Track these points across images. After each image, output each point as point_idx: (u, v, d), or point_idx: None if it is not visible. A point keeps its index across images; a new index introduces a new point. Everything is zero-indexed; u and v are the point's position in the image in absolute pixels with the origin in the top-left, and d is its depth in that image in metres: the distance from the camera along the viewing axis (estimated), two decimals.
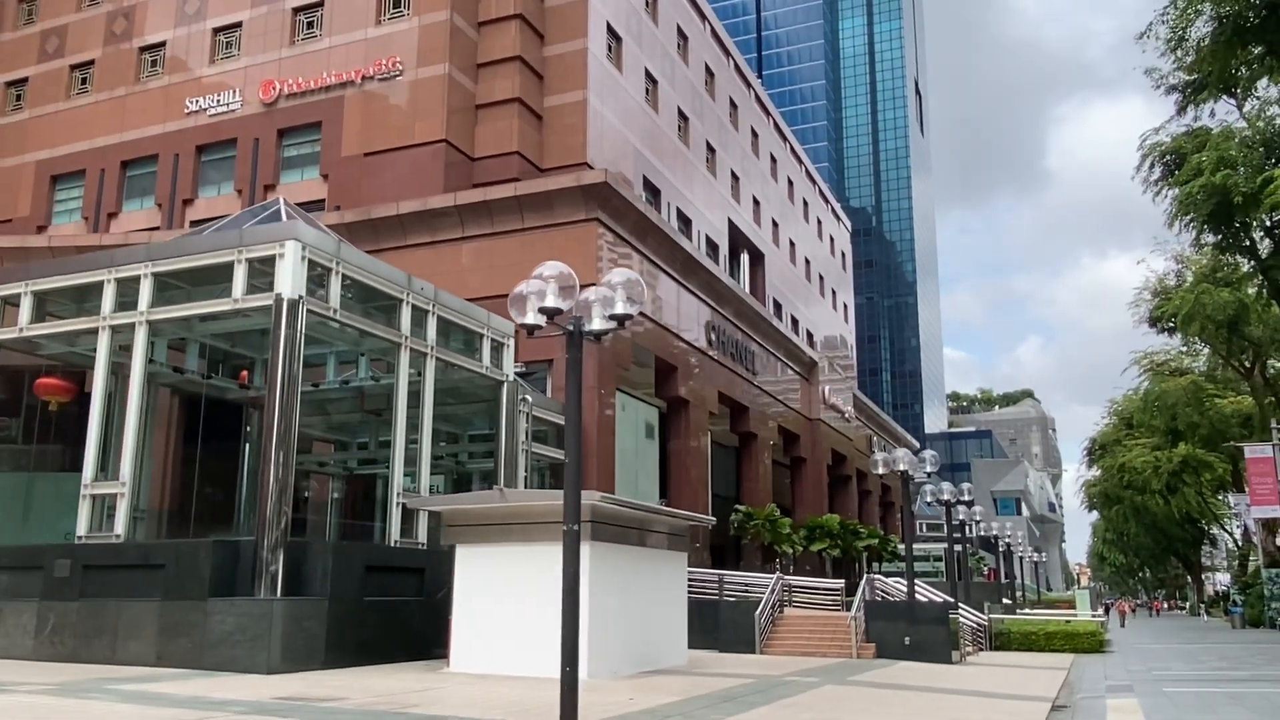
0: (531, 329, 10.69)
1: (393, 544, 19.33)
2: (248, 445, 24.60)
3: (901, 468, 23.66)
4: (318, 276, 18.48)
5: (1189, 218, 38.91)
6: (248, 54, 39.35)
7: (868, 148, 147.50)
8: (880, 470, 24.41)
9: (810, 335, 63.68)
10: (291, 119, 37.85)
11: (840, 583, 28.63)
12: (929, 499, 31.45)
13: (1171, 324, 52.25)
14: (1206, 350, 60.38)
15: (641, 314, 30.70)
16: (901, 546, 53.63)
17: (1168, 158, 40.62)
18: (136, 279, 18.64)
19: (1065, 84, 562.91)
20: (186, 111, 39.93)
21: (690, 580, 26.80)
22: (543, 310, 10.39)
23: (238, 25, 40.02)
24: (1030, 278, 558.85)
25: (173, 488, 25.58)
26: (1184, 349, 63.27)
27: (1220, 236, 40.19)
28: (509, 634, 16.40)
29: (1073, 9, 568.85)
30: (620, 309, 10.70)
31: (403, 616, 18.06)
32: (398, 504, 19.22)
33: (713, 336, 36.54)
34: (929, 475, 25.34)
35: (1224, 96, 40.13)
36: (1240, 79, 38.30)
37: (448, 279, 28.51)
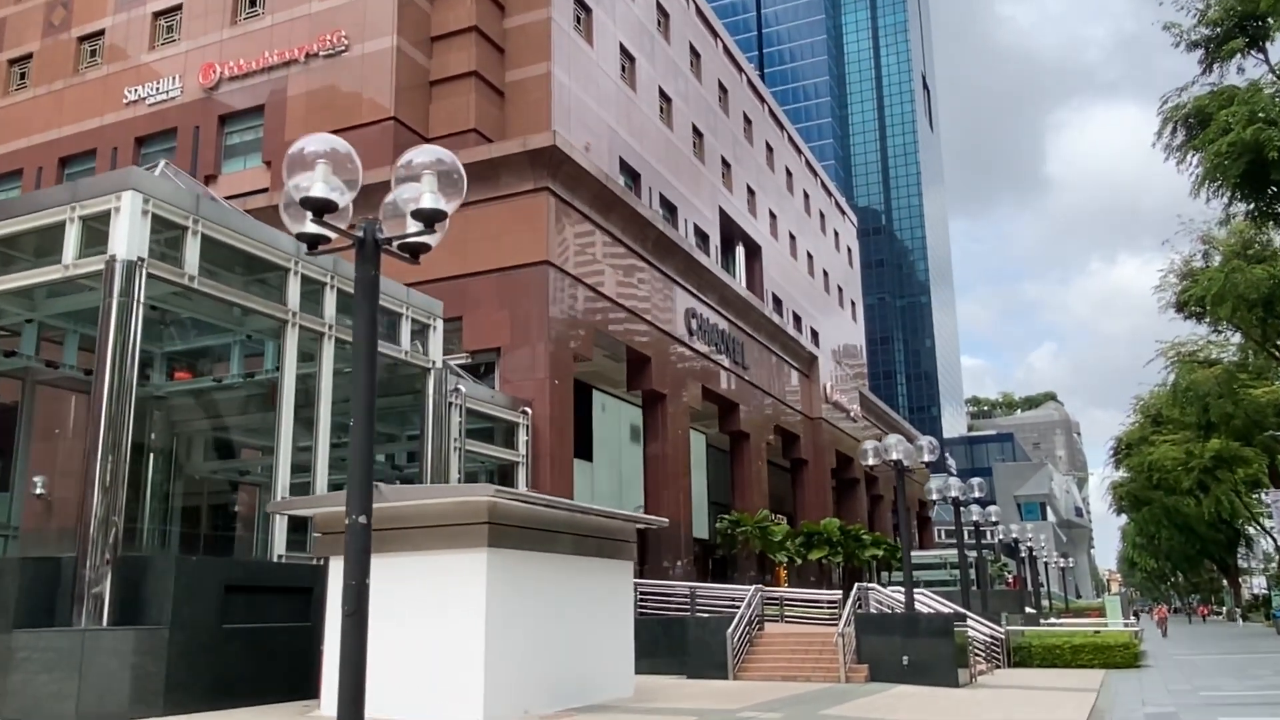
0: (314, 241, 7.53)
1: (277, 559, 16.14)
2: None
3: (894, 456, 20.30)
4: (170, 238, 15.39)
5: (1217, 184, 35.49)
6: (188, 37, 36.50)
7: (875, 145, 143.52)
8: (871, 461, 21.01)
9: (815, 333, 60.25)
10: (233, 104, 34.95)
11: (836, 594, 25.15)
12: (934, 495, 28.00)
13: (1200, 308, 48.69)
14: (1237, 339, 56.74)
15: (606, 297, 27.46)
16: (915, 555, 50.10)
17: (1191, 120, 37.22)
18: None
19: (1060, 91, 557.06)
20: (125, 102, 37.12)
21: (657, 595, 23.51)
22: (308, 203, 7.16)
23: (178, 8, 37.17)
24: (1039, 285, 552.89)
25: (63, 501, 22.48)
26: (1213, 337, 59.59)
27: (1253, 204, 36.74)
28: (391, 666, 13.13)
29: (1063, 16, 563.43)
30: (429, 202, 7.49)
31: (278, 647, 14.78)
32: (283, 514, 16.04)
33: (693, 325, 33.22)
34: (926, 464, 21.92)
35: (1251, 51, 36.82)
36: (1269, 29, 34.96)
37: (387, 262, 25.38)
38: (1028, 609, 44.68)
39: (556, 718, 13.27)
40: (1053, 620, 39.93)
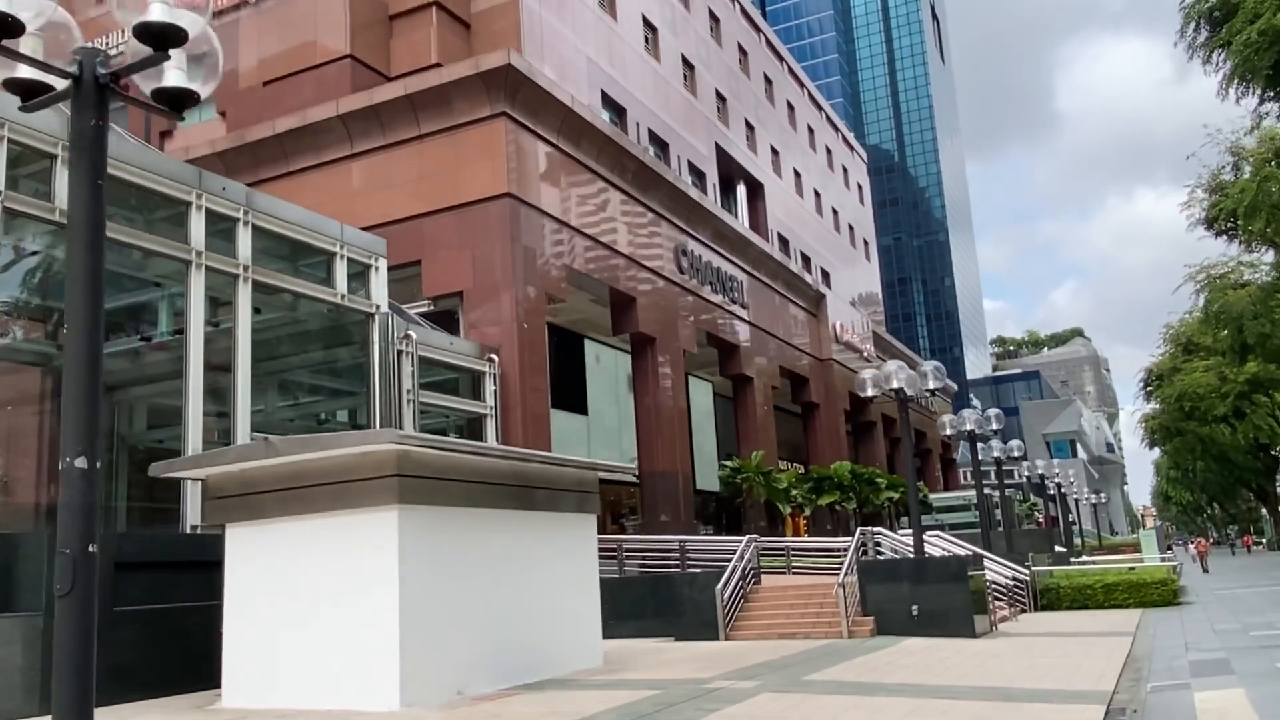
0: (28, 91, 5.54)
1: (190, 530, 14.29)
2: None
3: (895, 385, 18.14)
4: (39, 172, 13.39)
5: (1246, 81, 32.73)
6: None
7: (884, 80, 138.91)
8: (870, 391, 18.87)
9: (826, 274, 57.78)
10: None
11: (846, 541, 23.07)
12: (949, 430, 25.86)
13: (1231, 223, 45.93)
14: (1270, 256, 53.90)
15: (581, 232, 25.29)
16: (936, 496, 48.04)
17: (1215, 13, 34.36)
18: None
19: (1066, 25, 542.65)
20: None
21: (645, 550, 21.62)
22: None
23: None
24: (1057, 222, 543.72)
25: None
26: (1245, 257, 56.65)
27: None
28: (294, 650, 11.25)
29: None
30: (157, 13, 5.37)
31: (183, 630, 12.91)
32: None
33: (683, 262, 30.99)
34: (932, 394, 19.75)
35: None
36: None
37: (337, 205, 23.37)
38: (1057, 548, 42.61)
39: (497, 698, 11.36)
40: (1084, 558, 37.82)
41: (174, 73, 5.88)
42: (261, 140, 25.28)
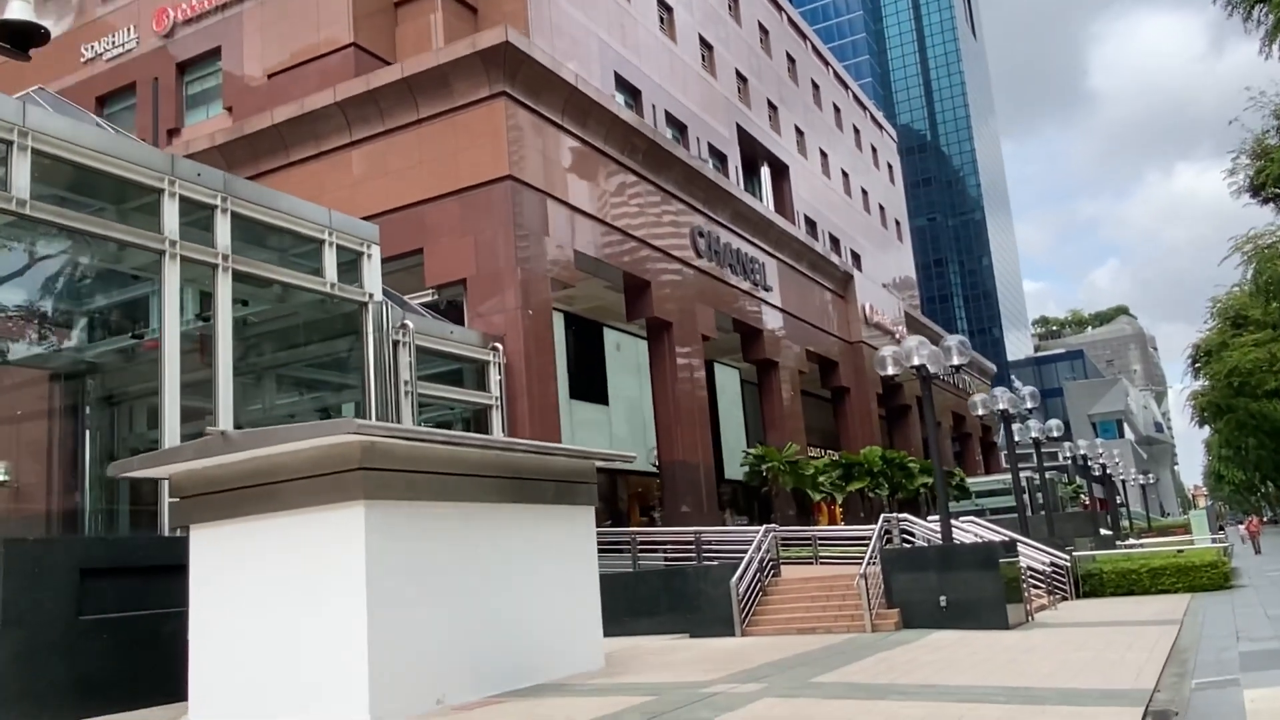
0: None
1: (167, 533, 13.61)
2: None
3: (916, 361, 17.06)
4: None
5: None
6: None
7: (914, 58, 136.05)
8: (890, 369, 17.80)
9: (856, 255, 56.46)
10: (189, 49, 32.30)
11: (872, 529, 22.01)
12: (980, 410, 24.67)
13: (1279, 189, 44.10)
14: None
15: (589, 215, 24.40)
16: (975, 481, 46.62)
17: None
18: None
19: (1096, 2, 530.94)
20: (83, 60, 34.71)
21: (659, 543, 20.75)
22: None
23: None
24: (1095, 202, 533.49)
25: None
26: None
27: None
28: (262, 660, 10.49)
29: None
30: None
31: (156, 639, 12.21)
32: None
33: (701, 245, 29.98)
34: (956, 369, 18.66)
35: None
36: None
37: (338, 196, 22.70)
38: (1103, 531, 41.12)
39: (482, 706, 10.54)
40: (1131, 541, 36.37)
41: (17, 4, 5.08)
42: (261, 132, 24.65)
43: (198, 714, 10.76)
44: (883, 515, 19.87)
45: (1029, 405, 25.74)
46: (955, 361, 17.98)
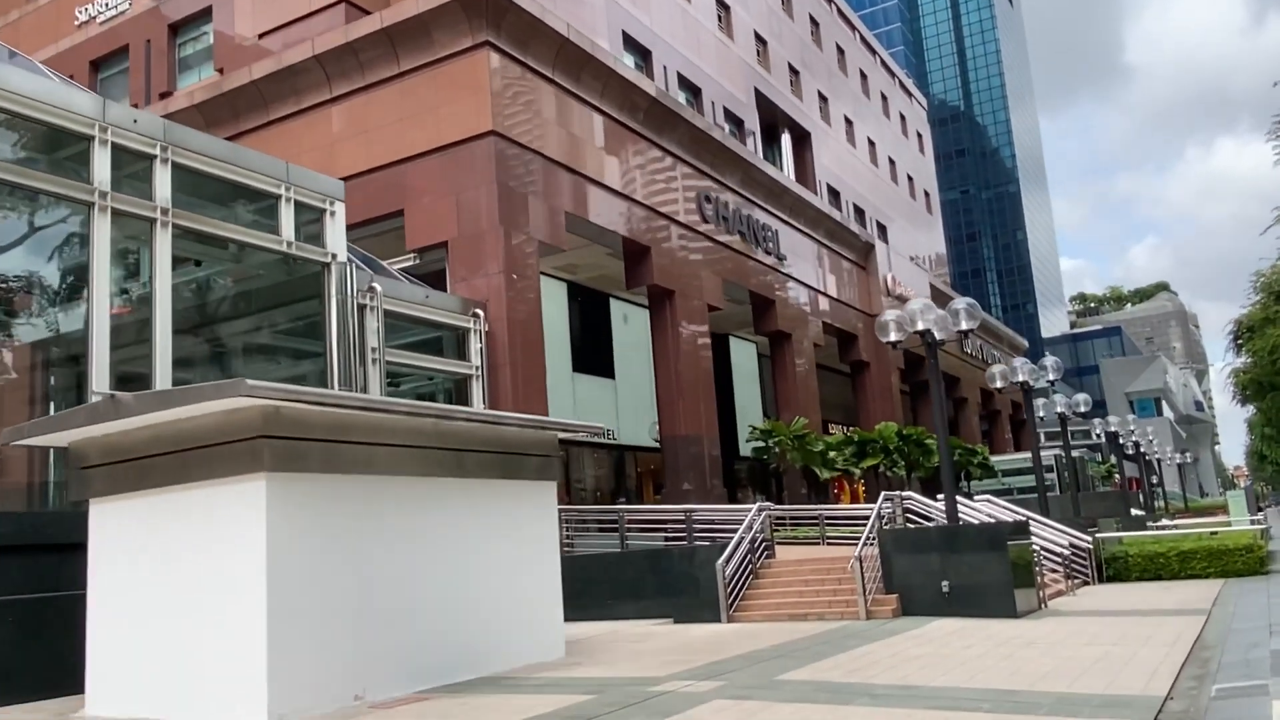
0: None
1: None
2: None
3: (921, 327, 15.69)
4: None
5: None
6: None
7: (948, 26, 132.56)
8: (893, 336, 16.48)
9: (882, 227, 54.71)
10: (181, 9, 31.28)
11: (873, 508, 20.63)
12: (999, 383, 23.18)
13: None
14: None
15: (583, 175, 23.10)
16: (1000, 458, 44.97)
17: None
18: None
19: None
20: (77, 24, 33.92)
21: (648, 522, 19.57)
22: None
23: None
24: (1133, 178, 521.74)
25: None
26: None
27: None
28: (161, 650, 9.42)
29: None
30: None
31: (68, 624, 11.18)
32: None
33: (707, 210, 28.58)
34: (965, 335, 17.22)
35: None
36: None
37: (318, 154, 21.68)
38: (1135, 511, 39.39)
39: (405, 703, 9.42)
40: (1164, 522, 34.67)
41: None
42: (240, 89, 23.60)
43: (94, 707, 9.73)
44: (883, 493, 18.49)
45: (1051, 377, 24.21)
46: (964, 326, 16.58)
